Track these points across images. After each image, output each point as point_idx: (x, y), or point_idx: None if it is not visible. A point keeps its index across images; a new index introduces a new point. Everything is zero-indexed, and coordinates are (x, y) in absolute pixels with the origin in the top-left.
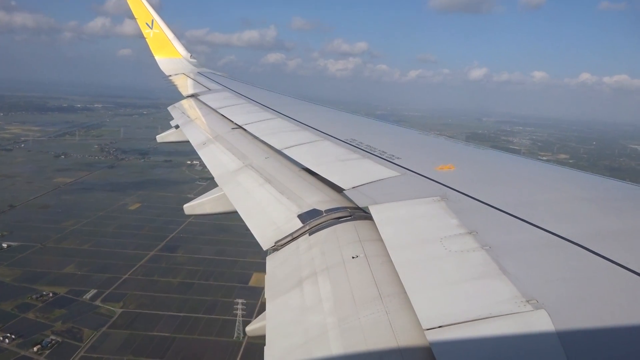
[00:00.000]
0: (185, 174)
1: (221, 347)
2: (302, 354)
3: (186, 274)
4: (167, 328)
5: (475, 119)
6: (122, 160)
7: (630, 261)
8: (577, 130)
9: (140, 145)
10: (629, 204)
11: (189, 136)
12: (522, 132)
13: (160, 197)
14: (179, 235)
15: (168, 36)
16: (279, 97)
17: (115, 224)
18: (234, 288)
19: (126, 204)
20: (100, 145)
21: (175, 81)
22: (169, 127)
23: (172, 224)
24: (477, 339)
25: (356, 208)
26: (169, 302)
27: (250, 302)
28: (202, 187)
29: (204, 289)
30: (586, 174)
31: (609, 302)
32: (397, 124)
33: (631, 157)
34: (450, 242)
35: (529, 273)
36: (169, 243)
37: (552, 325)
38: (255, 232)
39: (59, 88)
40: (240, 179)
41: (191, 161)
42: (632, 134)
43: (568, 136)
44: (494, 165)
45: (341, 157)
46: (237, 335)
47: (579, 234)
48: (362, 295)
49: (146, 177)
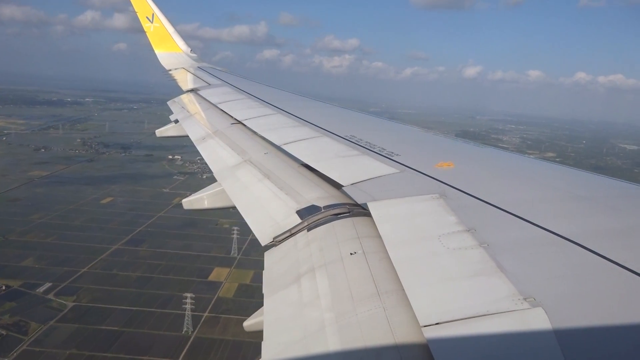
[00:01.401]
0: (165, 168)
1: (168, 342)
2: (300, 350)
3: (147, 268)
4: (116, 322)
5: (468, 117)
6: (102, 155)
7: (628, 260)
8: (570, 129)
9: (124, 139)
10: (627, 203)
11: (189, 131)
12: (514, 131)
13: (135, 191)
14: (146, 230)
15: (168, 30)
16: (278, 93)
17: (84, 218)
18: (192, 282)
19: (98, 198)
20: (83, 139)
21: (175, 75)
22: (157, 121)
23: (141, 218)
24: (475, 336)
25: (355, 204)
26: (123, 296)
27: (206, 296)
28: (180, 181)
29: (162, 283)
30: (585, 172)
31: (606, 300)
32: (396, 121)
33: (618, 155)
34: (449, 239)
35: (527, 271)
36: (135, 237)
37: (549, 323)
38: (254, 227)
39: (51, 82)
40: (239, 174)
41: (172, 156)
42: (624, 133)
43: (559, 135)
44: (493, 163)
45: (340, 154)
46: (186, 329)
47: (576, 232)
48: (360, 292)
49: (124, 171)
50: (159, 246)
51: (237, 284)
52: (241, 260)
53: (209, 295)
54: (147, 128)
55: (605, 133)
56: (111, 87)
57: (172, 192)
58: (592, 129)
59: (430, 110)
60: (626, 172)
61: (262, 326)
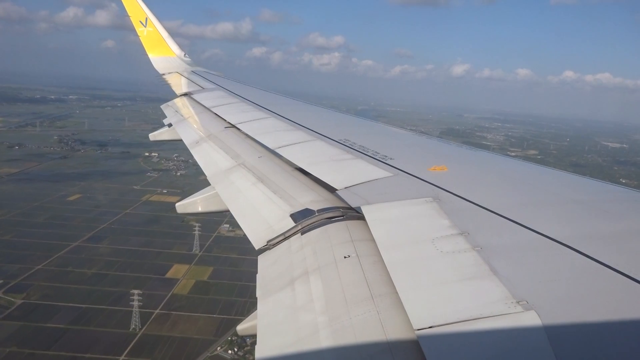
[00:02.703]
0: (140, 165)
1: (113, 339)
2: (293, 353)
3: (104, 265)
4: (63, 320)
5: (456, 115)
6: (77, 152)
7: (621, 263)
8: (556, 127)
9: (102, 136)
10: (619, 207)
11: (182, 135)
12: (499, 129)
13: (105, 188)
14: (110, 227)
15: (162, 34)
16: (272, 97)
17: (47, 215)
18: (148, 279)
19: (66, 195)
20: (60, 137)
21: (169, 80)
22: (140, 119)
23: (107, 215)
24: (468, 340)
25: (349, 208)
26: (75, 293)
27: (160, 293)
28: (152, 178)
29: (117, 280)
30: (577, 176)
31: (598, 303)
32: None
33: (600, 153)
34: (442, 242)
35: (520, 274)
36: (97, 234)
37: (542, 326)
38: (248, 231)
39: (36, 80)
40: (233, 178)
41: (149, 153)
42: (609, 131)
43: (544, 133)
44: (486, 167)
45: (334, 157)
46: (134, 327)
47: (569, 235)
48: (354, 295)
49: (97, 168)
50: (120, 243)
51: (194, 281)
52: (202, 257)
53: (164, 292)
54: (128, 125)
55: (589, 131)
56: (97, 85)
57: (143, 189)
58: (577, 127)
59: (419, 108)
60: (606, 169)
61: (255, 330)
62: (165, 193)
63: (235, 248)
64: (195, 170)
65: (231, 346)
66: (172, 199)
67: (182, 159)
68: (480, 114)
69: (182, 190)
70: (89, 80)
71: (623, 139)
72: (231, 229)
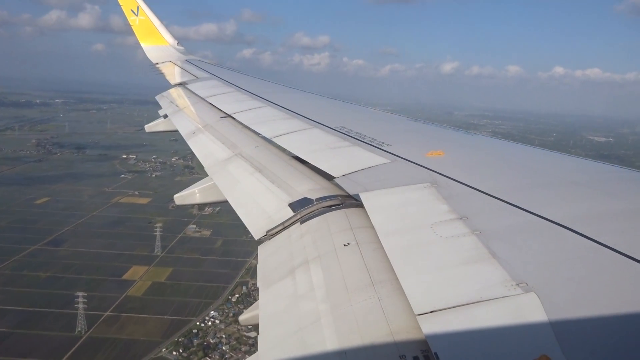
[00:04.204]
0: (115, 168)
1: (56, 343)
2: (296, 342)
3: (60, 268)
4: (8, 324)
5: (446, 113)
6: (54, 155)
7: (620, 243)
8: (544, 122)
9: (82, 139)
10: (618, 187)
11: (178, 126)
12: (487, 125)
13: (75, 190)
14: (73, 229)
15: (154, 23)
16: (267, 85)
17: (11, 219)
18: (104, 282)
19: (34, 198)
20: (38, 140)
21: (162, 69)
22: (123, 122)
23: (72, 217)
24: (469, 323)
25: (347, 196)
26: (25, 297)
27: (113, 295)
28: (126, 180)
29: (71, 283)
30: (575, 158)
31: (597, 284)
32: (387, 111)
33: (585, 147)
34: (441, 227)
35: (519, 257)
36: (59, 237)
37: (541, 308)
38: (247, 221)
39: (24, 84)
40: (230, 168)
41: (127, 155)
42: (596, 125)
43: (532, 128)
44: (483, 150)
45: (331, 145)
46: (79, 329)
47: (568, 217)
48: (354, 282)
49: (70, 171)
50: (80, 246)
51: (150, 283)
52: (163, 258)
53: (117, 294)
54: (110, 128)
55: (578, 126)
56: (85, 89)
57: (114, 191)
58: (567, 122)
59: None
60: None
61: (257, 320)
62: (137, 195)
63: (198, 249)
64: (172, 171)
65: (176, 347)
66: (143, 201)
67: (160, 160)
68: (470, 112)
69: (155, 192)
70: (77, 84)
71: (610, 133)
72: (197, 229)
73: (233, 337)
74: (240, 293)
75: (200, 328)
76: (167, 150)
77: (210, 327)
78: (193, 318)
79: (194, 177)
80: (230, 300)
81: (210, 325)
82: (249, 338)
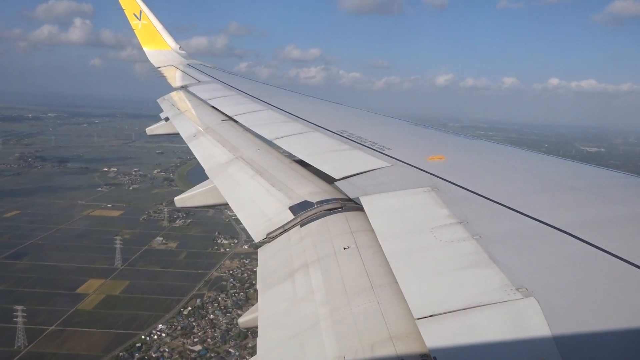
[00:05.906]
0: (94, 180)
1: None
2: (295, 345)
3: (14, 282)
4: None
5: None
6: (34, 168)
7: (619, 248)
8: (538, 133)
9: (67, 153)
10: (617, 193)
11: (179, 128)
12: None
13: (47, 204)
14: (37, 242)
15: (157, 27)
16: (268, 89)
17: None
18: (56, 295)
19: (3, 212)
20: (21, 154)
21: (164, 73)
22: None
23: (39, 230)
24: (468, 327)
25: (347, 199)
26: None
27: (62, 309)
28: (102, 193)
29: (22, 297)
30: (575, 163)
31: (597, 289)
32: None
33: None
34: (441, 232)
35: (519, 261)
36: (20, 250)
37: (541, 313)
38: (247, 224)
39: (18, 98)
40: (231, 171)
41: (108, 168)
42: (591, 136)
43: (525, 139)
44: (484, 155)
45: (332, 148)
46: (19, 345)
47: (568, 222)
48: (354, 286)
49: (47, 184)
50: (40, 259)
51: (103, 296)
52: (122, 271)
53: (66, 308)
54: (97, 141)
55: (572, 137)
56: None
57: (88, 204)
58: (561, 133)
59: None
60: None
61: (256, 322)
62: (110, 208)
63: (161, 261)
64: (151, 184)
65: None
66: (114, 213)
67: (140, 173)
68: (465, 123)
69: (129, 205)
70: (73, 98)
71: (602, 143)
72: (164, 241)
73: (176, 351)
74: (194, 306)
75: (145, 342)
76: (150, 162)
77: (155, 341)
78: (139, 332)
79: (172, 189)
80: (182, 313)
81: (156, 339)
82: (192, 352)
